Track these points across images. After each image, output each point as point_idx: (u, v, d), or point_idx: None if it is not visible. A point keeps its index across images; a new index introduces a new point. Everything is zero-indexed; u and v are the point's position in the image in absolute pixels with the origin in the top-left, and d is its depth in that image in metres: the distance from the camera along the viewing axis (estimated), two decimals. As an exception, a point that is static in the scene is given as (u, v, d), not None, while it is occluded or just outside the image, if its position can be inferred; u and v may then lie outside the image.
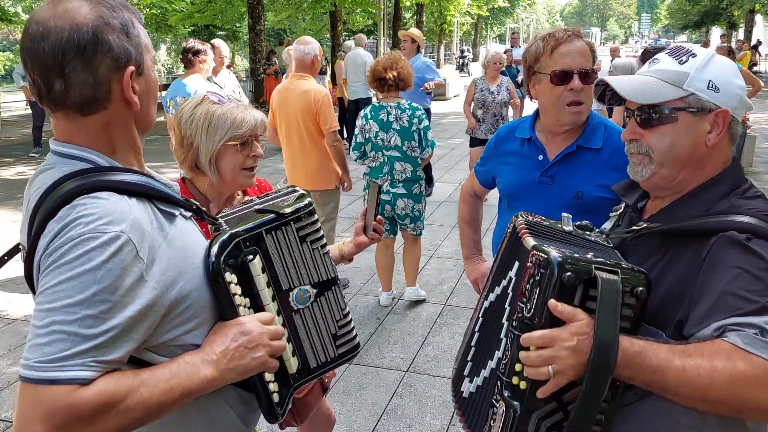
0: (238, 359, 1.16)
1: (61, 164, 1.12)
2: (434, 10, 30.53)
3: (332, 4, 19.12)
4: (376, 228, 1.82)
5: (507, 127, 2.25)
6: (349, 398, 3.42)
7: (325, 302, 1.41)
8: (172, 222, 1.17)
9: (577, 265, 1.14)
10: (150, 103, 1.20)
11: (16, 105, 17.92)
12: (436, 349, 3.99)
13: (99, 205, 1.03)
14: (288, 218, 1.34)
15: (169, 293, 1.10)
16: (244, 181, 1.90)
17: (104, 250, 0.99)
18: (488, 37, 57.04)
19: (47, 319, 0.97)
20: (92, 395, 0.97)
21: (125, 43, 1.10)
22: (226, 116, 1.80)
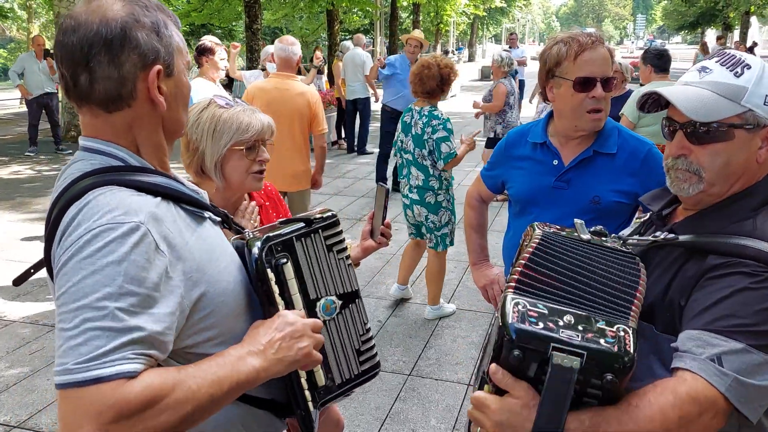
0: (285, 350, 1.12)
1: (90, 158, 1.10)
2: (431, 9, 30.50)
3: (329, 3, 19.06)
4: (383, 232, 1.79)
5: (517, 131, 2.22)
6: (352, 402, 3.39)
7: (349, 315, 1.39)
8: (200, 224, 1.15)
9: (530, 343, 1.04)
10: (179, 107, 1.18)
11: (10, 103, 17.82)
12: (438, 353, 3.96)
13: (117, 197, 1.02)
14: (317, 226, 1.34)
15: (192, 294, 1.07)
16: (252, 185, 1.87)
17: (125, 241, 0.97)
18: (484, 37, 57.07)
19: (77, 318, 0.93)
20: (140, 389, 0.92)
21: (154, 42, 1.08)
22: (232, 120, 1.77)
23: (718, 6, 33.64)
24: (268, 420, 1.28)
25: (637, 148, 2.01)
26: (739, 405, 1.07)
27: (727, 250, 1.19)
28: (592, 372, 1.02)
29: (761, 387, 1.08)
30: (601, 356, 1.02)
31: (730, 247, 1.19)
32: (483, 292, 2.40)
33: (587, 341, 1.03)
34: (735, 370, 1.07)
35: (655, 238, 1.33)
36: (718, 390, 1.06)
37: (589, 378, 1.03)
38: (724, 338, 1.09)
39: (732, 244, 1.19)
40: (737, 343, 1.09)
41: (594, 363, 1.02)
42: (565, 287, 1.17)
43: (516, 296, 1.11)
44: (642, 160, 1.98)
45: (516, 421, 1.05)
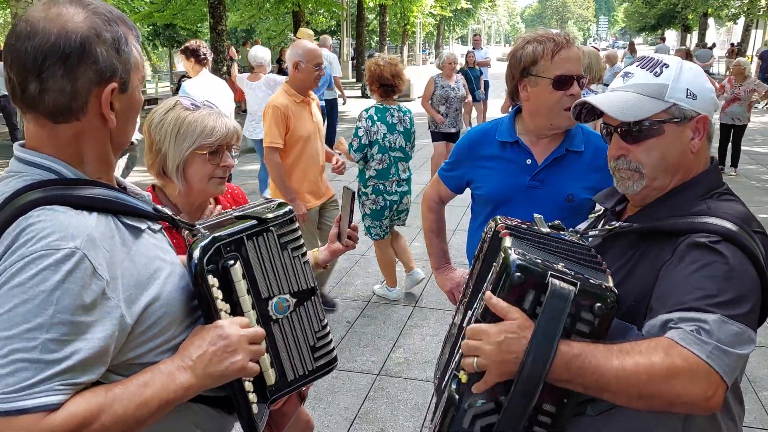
0: (216, 364, 1.12)
1: (24, 173, 1.06)
2: (397, 11, 30.60)
3: (295, 4, 18.99)
4: (350, 235, 1.78)
5: (480, 129, 2.22)
6: (321, 403, 3.39)
7: (304, 312, 1.37)
8: (137, 236, 1.12)
9: (532, 268, 1.14)
10: (128, 122, 1.15)
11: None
12: (407, 352, 3.98)
13: (53, 218, 0.98)
14: (269, 224, 1.31)
15: (133, 309, 1.05)
16: (213, 189, 1.84)
17: (58, 269, 0.94)
18: (450, 38, 57.48)
19: (6, 348, 0.92)
20: (62, 420, 0.93)
21: (113, 59, 1.06)
22: (196, 123, 1.74)
23: (677, 8, 34.47)
24: (221, 417, 1.28)
25: (602, 146, 2.04)
26: (724, 374, 1.09)
27: (684, 228, 1.24)
28: (584, 302, 1.13)
29: (740, 355, 1.11)
30: (593, 288, 1.14)
31: (686, 225, 1.24)
32: (449, 296, 2.40)
33: (579, 278, 1.15)
34: (715, 340, 1.09)
35: (612, 226, 1.38)
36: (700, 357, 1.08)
37: (580, 311, 1.13)
38: (697, 313, 1.12)
39: (687, 222, 1.25)
40: (711, 315, 1.11)
41: (586, 294, 1.13)
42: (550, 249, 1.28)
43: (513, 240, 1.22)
44: (607, 157, 2.02)
45: (513, 342, 1.11)
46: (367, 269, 5.40)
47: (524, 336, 1.11)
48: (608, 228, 1.39)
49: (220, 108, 1.88)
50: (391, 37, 34.92)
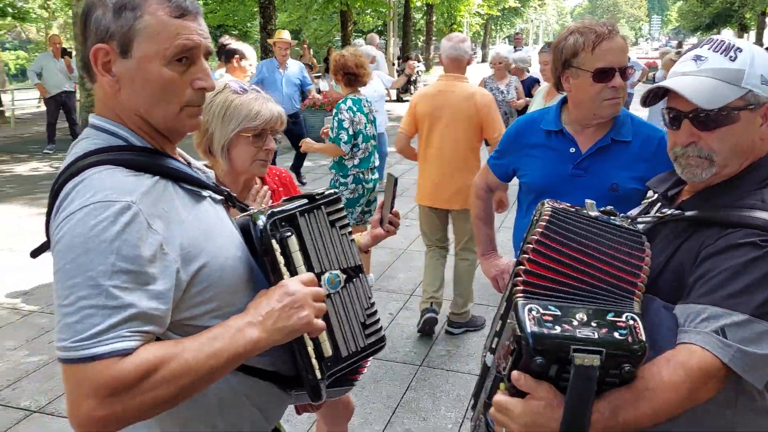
0: (284, 319, 1.13)
1: (95, 137, 1.14)
2: (444, 10, 30.50)
3: (344, 4, 19.14)
4: (391, 221, 1.82)
5: (527, 118, 2.25)
6: (364, 391, 3.44)
7: (353, 289, 1.40)
8: (198, 202, 1.18)
9: (551, 348, 1.08)
10: (141, 91, 1.11)
11: (30, 103, 18.07)
12: (449, 345, 4.00)
13: (112, 176, 1.04)
14: (319, 202, 1.36)
15: (189, 268, 1.09)
16: (256, 170, 1.90)
17: (117, 221, 0.99)
18: (497, 38, 56.93)
19: (72, 296, 0.96)
20: (133, 365, 0.96)
21: (109, 21, 1.08)
22: (243, 107, 1.80)
23: (734, 6, 33.32)
24: (272, 392, 1.30)
25: (651, 136, 2.04)
26: (743, 374, 1.11)
27: (734, 221, 1.22)
28: (610, 365, 1.07)
29: (764, 355, 1.11)
30: (619, 350, 1.07)
31: (736, 218, 1.22)
32: (493, 283, 2.43)
33: (603, 337, 1.08)
34: (738, 341, 1.10)
35: (662, 214, 1.37)
36: (722, 361, 1.10)
37: (608, 370, 1.08)
38: (727, 310, 1.13)
39: (738, 215, 1.23)
40: (740, 314, 1.12)
41: (612, 357, 1.07)
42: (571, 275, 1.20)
43: (527, 301, 1.14)
44: (656, 147, 2.00)
45: (542, 422, 1.09)
46: (410, 263, 5.43)
47: (553, 417, 1.08)
48: (659, 216, 1.38)
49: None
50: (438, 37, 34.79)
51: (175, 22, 1.10)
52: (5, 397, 3.40)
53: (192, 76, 1.14)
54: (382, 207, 1.82)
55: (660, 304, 1.26)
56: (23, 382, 3.55)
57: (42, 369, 3.69)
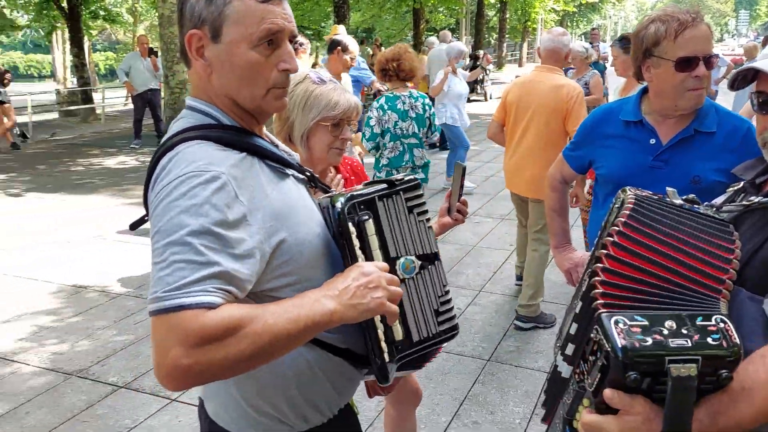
0: (359, 297, 1.15)
1: (190, 116, 1.22)
2: (518, 6, 30.01)
3: (417, 2, 19.18)
4: (460, 209, 1.82)
5: (605, 109, 2.20)
6: (431, 382, 3.47)
7: (428, 275, 1.41)
8: (282, 179, 1.23)
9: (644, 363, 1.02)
10: (231, 75, 1.18)
11: (118, 101, 19.12)
12: (519, 341, 3.97)
13: (204, 149, 1.12)
14: (398, 187, 1.38)
15: (271, 240, 1.14)
16: (332, 159, 1.96)
17: (207, 187, 1.06)
18: (574, 35, 55.49)
19: (165, 252, 1.02)
20: (219, 318, 1.00)
21: (201, 8, 1.16)
22: (323, 97, 1.87)
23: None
24: (344, 368, 1.33)
25: (737, 126, 1.97)
26: None
27: None
28: (707, 372, 1.03)
29: None
30: (715, 357, 1.03)
31: None
32: (567, 276, 2.39)
33: (697, 344, 1.04)
34: None
35: (750, 202, 1.33)
36: None
37: (704, 377, 1.03)
38: None
39: None
40: None
41: (709, 364, 1.03)
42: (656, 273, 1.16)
43: (611, 314, 1.09)
44: (742, 138, 1.93)
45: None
46: (479, 260, 5.41)
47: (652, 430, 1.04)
48: (745, 204, 1.34)
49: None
50: (511, 34, 34.30)
51: (261, 6, 1.15)
52: (95, 373, 3.64)
53: (277, 58, 1.19)
54: (449, 195, 1.83)
55: (746, 295, 1.22)
56: (111, 360, 3.79)
57: (128, 348, 3.92)
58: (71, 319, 4.35)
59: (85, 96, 16.71)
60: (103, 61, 37.10)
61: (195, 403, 3.28)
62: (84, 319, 4.35)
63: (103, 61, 37.48)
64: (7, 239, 6.14)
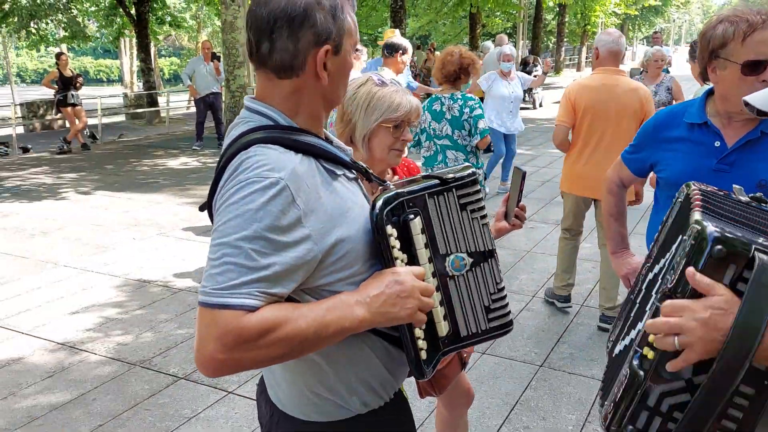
0: (389, 305, 1.20)
1: (249, 119, 1.27)
2: (578, 10, 29.46)
3: (474, 6, 19.12)
4: (517, 214, 1.81)
5: (668, 111, 2.16)
6: (482, 386, 3.47)
7: (480, 273, 1.41)
8: (334, 179, 1.27)
9: (733, 241, 1.06)
10: (339, 83, 1.29)
11: (181, 104, 19.80)
12: (572, 348, 3.92)
13: (266, 154, 1.16)
14: (450, 184, 1.37)
15: (326, 240, 1.18)
16: (392, 160, 1.99)
17: (264, 193, 1.11)
18: (635, 39, 54.00)
19: (219, 252, 1.10)
20: (256, 321, 1.07)
21: (329, 24, 1.21)
22: (385, 99, 1.90)
23: None
24: (399, 355, 1.37)
25: None
26: None
27: None
28: None
29: None
30: None
31: None
32: (624, 281, 2.36)
33: None
34: None
35: None
36: None
37: None
38: None
39: None
40: None
41: None
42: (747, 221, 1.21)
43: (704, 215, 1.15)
44: None
45: (721, 318, 1.05)
46: (533, 265, 5.36)
47: (732, 312, 1.05)
48: None
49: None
50: (570, 38, 33.70)
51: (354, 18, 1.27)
52: (157, 363, 3.79)
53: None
54: (507, 200, 1.81)
55: None
56: (172, 351, 3.94)
57: (188, 341, 4.07)
58: (135, 312, 4.55)
59: (150, 99, 17.41)
60: (167, 66, 38.46)
61: (250, 396, 3.39)
62: (147, 312, 4.54)
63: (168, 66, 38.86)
64: (77, 235, 6.46)
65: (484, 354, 3.80)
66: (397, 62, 5.28)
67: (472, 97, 4.39)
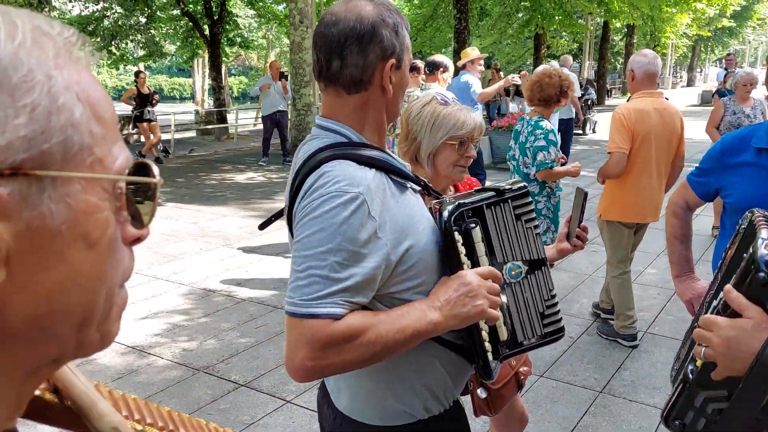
0: (459, 307, 1.27)
1: (323, 136, 1.35)
2: (647, 30, 28.78)
3: (539, 27, 19.00)
4: (579, 235, 1.81)
5: (735, 135, 2.12)
6: (539, 409, 3.42)
7: (534, 280, 1.47)
8: (403, 192, 1.34)
9: None
10: (399, 96, 1.37)
11: (248, 122, 20.47)
12: (634, 375, 3.81)
13: (344, 170, 1.23)
14: (506, 196, 1.45)
15: (397, 250, 1.25)
16: (456, 176, 2.04)
17: (347, 207, 1.18)
18: (707, 60, 52.19)
19: (304, 264, 1.18)
20: (342, 328, 1.16)
21: (393, 39, 1.29)
22: (450, 117, 1.95)
23: None
24: (459, 361, 1.43)
25: None
26: None
27: None
28: None
29: None
30: None
31: None
32: (688, 306, 2.30)
33: None
34: None
35: None
36: None
37: None
38: None
39: None
40: None
41: None
42: None
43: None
44: None
45: (745, 338, 1.08)
46: (594, 289, 5.25)
47: (758, 337, 1.06)
48: None
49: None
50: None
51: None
52: (219, 370, 3.93)
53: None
54: (569, 221, 1.83)
55: None
56: (234, 359, 4.07)
57: (249, 350, 4.20)
58: (200, 319, 4.73)
59: (220, 116, 18.08)
60: (236, 85, 39.89)
61: (308, 406, 3.46)
62: (211, 320, 4.71)
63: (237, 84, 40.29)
64: (149, 243, 6.76)
65: (541, 377, 3.75)
66: (437, 79, 5.36)
67: (541, 126, 4.11)
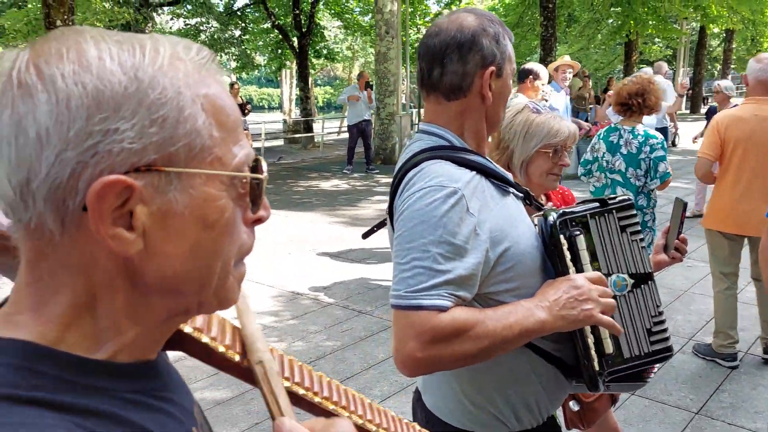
0: (568, 308, 1.24)
1: (426, 139, 1.39)
2: (747, 36, 27.16)
3: (632, 33, 18.36)
4: (678, 247, 1.76)
5: None
6: (631, 428, 3.31)
7: (641, 295, 1.43)
8: (504, 195, 1.36)
9: None
10: (500, 105, 1.39)
11: (333, 130, 20.98)
12: (734, 398, 3.62)
13: (442, 167, 1.27)
14: (611, 206, 1.43)
15: (496, 249, 1.26)
16: (550, 185, 2.03)
17: (446, 201, 1.21)
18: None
19: (408, 256, 1.20)
20: (449, 320, 1.16)
21: (494, 48, 1.32)
22: (543, 125, 1.95)
23: None
24: (556, 375, 1.40)
25: None
26: None
27: None
28: None
29: None
30: None
31: None
32: None
33: None
34: None
35: None
36: None
37: None
38: None
39: None
40: None
41: None
42: None
43: None
44: None
45: None
46: (690, 306, 5.02)
47: None
48: None
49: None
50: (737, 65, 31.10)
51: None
52: (307, 371, 4.05)
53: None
54: (667, 232, 1.78)
55: None
56: (320, 362, 4.19)
57: (336, 353, 4.31)
58: (289, 321, 4.89)
59: (306, 125, 18.60)
60: (322, 95, 40.95)
61: (393, 410, 3.51)
62: (299, 323, 4.86)
63: (322, 94, 41.35)
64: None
65: (633, 394, 3.63)
66: (528, 87, 5.28)
67: (655, 136, 3.93)
